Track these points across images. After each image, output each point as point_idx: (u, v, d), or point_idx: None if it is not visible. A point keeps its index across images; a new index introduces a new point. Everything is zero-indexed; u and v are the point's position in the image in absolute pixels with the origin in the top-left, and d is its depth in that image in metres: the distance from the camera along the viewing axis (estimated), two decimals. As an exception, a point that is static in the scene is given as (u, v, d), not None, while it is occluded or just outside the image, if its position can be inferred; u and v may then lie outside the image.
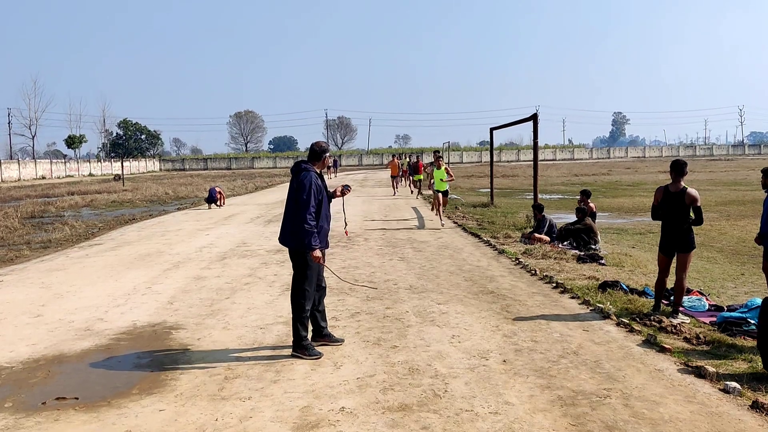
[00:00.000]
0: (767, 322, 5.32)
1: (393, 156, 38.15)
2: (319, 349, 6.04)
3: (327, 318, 6.50)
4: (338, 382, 5.30)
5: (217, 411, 4.74)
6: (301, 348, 5.96)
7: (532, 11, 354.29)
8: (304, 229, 5.80)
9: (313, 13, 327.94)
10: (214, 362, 5.87)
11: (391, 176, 32.38)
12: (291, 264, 6.15)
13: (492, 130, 23.03)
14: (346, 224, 7.47)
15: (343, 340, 6.37)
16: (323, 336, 6.33)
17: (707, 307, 7.55)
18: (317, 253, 5.87)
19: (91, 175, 78.90)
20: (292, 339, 6.08)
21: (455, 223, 16.95)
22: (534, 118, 15.92)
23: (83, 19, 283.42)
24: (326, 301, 6.55)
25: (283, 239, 6.11)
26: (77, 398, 5.04)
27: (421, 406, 4.75)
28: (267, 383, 5.30)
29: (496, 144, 24.04)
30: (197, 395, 5.07)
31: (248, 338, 6.63)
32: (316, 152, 6.18)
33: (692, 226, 7.17)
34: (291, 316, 6.12)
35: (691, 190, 7.08)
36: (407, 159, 39.18)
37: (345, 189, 6.38)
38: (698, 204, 7.09)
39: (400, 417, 4.57)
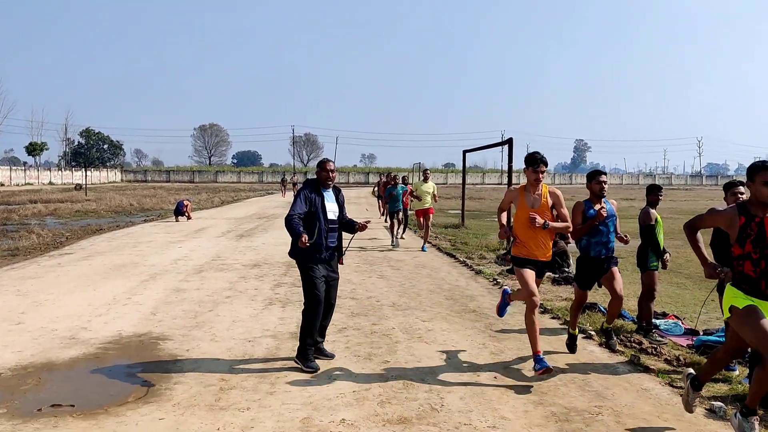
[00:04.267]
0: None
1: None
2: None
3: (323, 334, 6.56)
4: (335, 394, 5.34)
5: (218, 421, 4.75)
6: (302, 356, 6.06)
7: (501, 38, 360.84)
8: (288, 225, 5.96)
9: (282, 28, 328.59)
10: (206, 373, 5.86)
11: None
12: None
13: (465, 152, 23.34)
14: (344, 252, 6.76)
15: (333, 356, 6.43)
16: (315, 349, 6.38)
17: (683, 331, 7.80)
18: (303, 237, 5.81)
19: (51, 183, 77.33)
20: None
21: (429, 243, 17.08)
22: (509, 142, 16.21)
23: (49, 27, 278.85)
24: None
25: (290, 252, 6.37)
26: (73, 405, 4.99)
27: (420, 419, 4.83)
28: (263, 394, 5.32)
29: (460, 167, 24.28)
30: (195, 405, 5.06)
31: (238, 350, 6.62)
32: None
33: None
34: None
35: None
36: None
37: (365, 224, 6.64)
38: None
39: (400, 430, 4.64)
